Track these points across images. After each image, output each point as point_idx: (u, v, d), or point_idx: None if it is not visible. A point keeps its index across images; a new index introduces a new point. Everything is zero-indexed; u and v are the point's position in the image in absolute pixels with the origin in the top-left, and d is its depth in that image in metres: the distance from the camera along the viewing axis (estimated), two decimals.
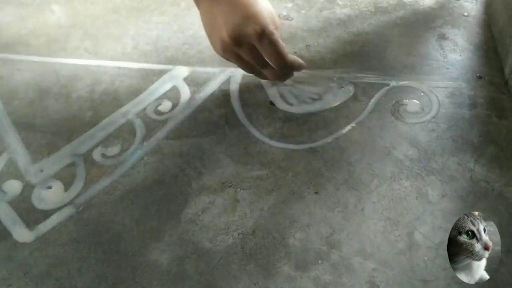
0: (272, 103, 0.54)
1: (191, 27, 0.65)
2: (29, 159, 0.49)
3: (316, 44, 0.63)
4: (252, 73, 0.53)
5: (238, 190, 0.46)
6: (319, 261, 0.41)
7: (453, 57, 0.60)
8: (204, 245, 0.42)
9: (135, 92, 0.56)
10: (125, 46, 0.63)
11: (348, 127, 0.52)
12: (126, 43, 0.63)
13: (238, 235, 0.43)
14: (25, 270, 0.40)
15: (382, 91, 0.56)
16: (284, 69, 0.51)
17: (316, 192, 0.46)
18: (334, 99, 0.55)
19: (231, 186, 0.46)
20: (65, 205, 0.45)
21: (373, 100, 0.54)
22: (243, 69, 0.52)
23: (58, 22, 0.67)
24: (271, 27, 0.47)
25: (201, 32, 0.53)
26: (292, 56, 0.50)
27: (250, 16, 0.46)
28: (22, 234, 0.43)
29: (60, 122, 0.53)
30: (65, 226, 0.44)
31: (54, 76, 0.59)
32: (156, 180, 0.47)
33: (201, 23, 0.51)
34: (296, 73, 0.54)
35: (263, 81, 0.56)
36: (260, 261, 0.41)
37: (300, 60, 0.52)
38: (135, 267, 0.41)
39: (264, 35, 0.46)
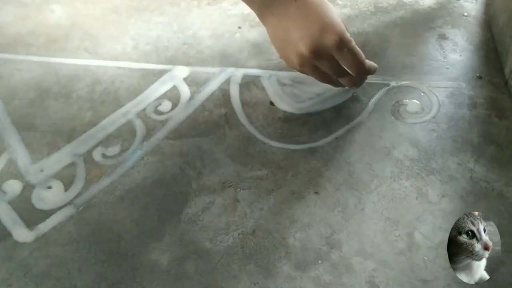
0: (272, 103, 0.54)
1: (191, 27, 0.65)
2: (29, 159, 0.49)
3: None
4: (328, 83, 0.51)
5: (238, 190, 0.46)
6: (319, 261, 0.41)
7: (453, 57, 0.60)
8: (204, 245, 0.42)
9: (135, 92, 0.56)
10: (125, 46, 0.63)
11: (348, 127, 0.52)
12: (126, 43, 0.64)
13: (238, 235, 0.43)
14: (25, 270, 0.40)
15: (382, 91, 0.56)
16: (363, 74, 0.49)
17: (316, 192, 0.46)
18: (334, 99, 0.55)
19: (231, 186, 0.46)
20: (65, 205, 0.45)
21: (373, 100, 0.55)
22: (320, 80, 0.50)
23: (58, 22, 0.67)
24: (347, 35, 0.45)
25: (201, 32, 0.53)
26: (368, 62, 0.49)
27: (326, 27, 0.44)
28: (22, 234, 0.43)
29: (60, 122, 0.53)
30: (65, 226, 0.44)
31: (54, 76, 0.59)
32: (156, 180, 0.47)
33: (201, 22, 0.51)
34: (296, 73, 0.54)
35: (264, 82, 0.56)
36: (260, 261, 0.41)
37: (375, 64, 0.50)
38: (135, 267, 0.41)
39: (343, 44, 0.45)
